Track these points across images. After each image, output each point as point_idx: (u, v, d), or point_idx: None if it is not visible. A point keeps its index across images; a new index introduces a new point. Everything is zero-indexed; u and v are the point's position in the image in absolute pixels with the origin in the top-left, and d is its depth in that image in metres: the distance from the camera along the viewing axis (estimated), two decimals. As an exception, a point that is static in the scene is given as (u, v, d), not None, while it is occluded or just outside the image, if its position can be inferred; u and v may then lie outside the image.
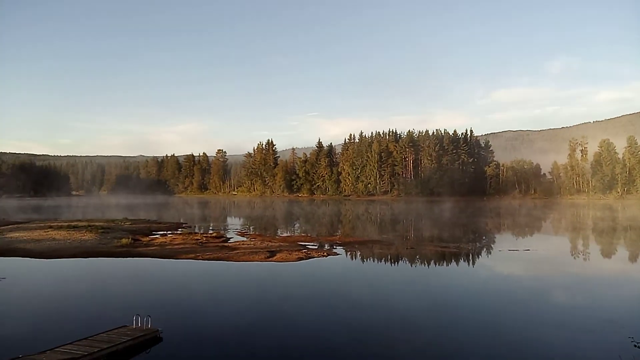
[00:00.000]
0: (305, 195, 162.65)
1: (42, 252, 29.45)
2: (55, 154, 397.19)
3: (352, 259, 29.32)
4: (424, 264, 27.96)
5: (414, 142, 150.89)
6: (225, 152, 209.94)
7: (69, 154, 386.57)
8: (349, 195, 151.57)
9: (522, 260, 28.70)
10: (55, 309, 17.53)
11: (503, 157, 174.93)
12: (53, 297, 19.44)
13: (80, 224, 44.19)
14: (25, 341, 13.09)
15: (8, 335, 14.01)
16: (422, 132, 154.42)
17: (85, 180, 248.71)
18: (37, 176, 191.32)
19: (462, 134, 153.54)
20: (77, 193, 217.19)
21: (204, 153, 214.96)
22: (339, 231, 48.41)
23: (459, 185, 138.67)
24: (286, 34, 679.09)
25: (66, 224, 44.06)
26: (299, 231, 48.54)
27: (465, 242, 37.43)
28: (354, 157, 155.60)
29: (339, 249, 31.83)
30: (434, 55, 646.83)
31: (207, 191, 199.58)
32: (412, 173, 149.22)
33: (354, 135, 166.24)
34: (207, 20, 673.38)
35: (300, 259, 27.25)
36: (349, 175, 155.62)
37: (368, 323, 15.21)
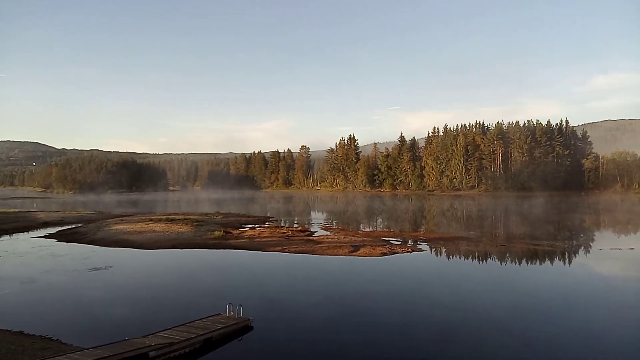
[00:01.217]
0: (387, 190, 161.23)
1: (144, 243, 31.98)
2: (154, 152, 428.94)
3: (438, 255, 28.77)
4: (515, 262, 26.76)
5: (503, 134, 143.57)
6: (308, 148, 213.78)
7: (166, 152, 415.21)
8: (433, 190, 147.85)
9: (626, 260, 26.52)
10: (156, 296, 19.04)
11: (603, 148, 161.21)
12: (154, 285, 21.12)
13: (177, 217, 47.34)
14: (130, 325, 14.35)
15: (115, 319, 15.46)
16: (511, 124, 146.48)
17: (181, 176, 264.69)
18: (138, 173, 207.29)
19: (557, 124, 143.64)
20: (173, 188, 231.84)
21: (288, 149, 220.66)
22: (423, 227, 47.60)
23: (553, 179, 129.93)
24: (366, 27, 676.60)
25: (164, 217, 47.45)
26: (381, 226, 48.42)
27: (560, 240, 35.25)
28: (438, 150, 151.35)
29: (424, 245, 31.34)
30: (522, 40, 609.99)
31: (292, 186, 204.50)
32: (501, 167, 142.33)
33: (437, 128, 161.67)
34: (289, 20, 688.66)
35: (384, 254, 27.21)
36: (432, 169, 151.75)
37: (453, 323, 14.86)
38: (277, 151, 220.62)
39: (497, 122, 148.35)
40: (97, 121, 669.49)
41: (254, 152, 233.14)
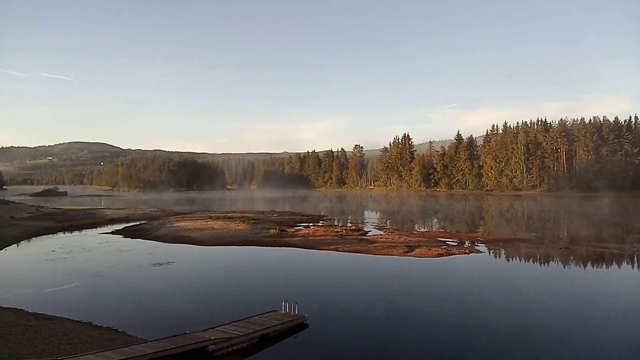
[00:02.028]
0: (443, 189, 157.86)
1: (203, 240, 33.04)
2: (213, 152, 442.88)
3: (497, 257, 27.84)
4: (579, 265, 25.45)
5: (567, 131, 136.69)
6: (362, 147, 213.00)
7: (224, 152, 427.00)
8: (492, 190, 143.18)
9: None
10: (215, 292, 19.63)
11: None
12: (213, 281, 21.79)
13: (234, 215, 48.61)
14: (191, 319, 14.85)
15: (177, 313, 16.08)
16: (576, 120, 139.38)
17: (238, 175, 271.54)
18: (197, 172, 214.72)
19: (625, 121, 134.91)
20: (231, 187, 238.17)
21: (342, 149, 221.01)
22: (481, 228, 46.21)
23: (621, 179, 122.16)
24: (421, 23, 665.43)
25: (223, 215, 48.86)
26: (437, 226, 47.46)
27: (629, 243, 33.15)
28: (497, 149, 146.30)
29: (482, 247, 30.42)
30: (586, 33, 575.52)
31: (345, 185, 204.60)
32: (564, 166, 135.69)
33: (496, 125, 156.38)
34: (342, 17, 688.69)
35: (440, 255, 26.66)
36: (491, 168, 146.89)
37: (510, 330, 14.26)
38: (331, 150, 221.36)
39: (561, 119, 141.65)
40: (159, 123, 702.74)
41: (307, 152, 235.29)
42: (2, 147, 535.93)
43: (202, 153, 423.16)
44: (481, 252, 28.48)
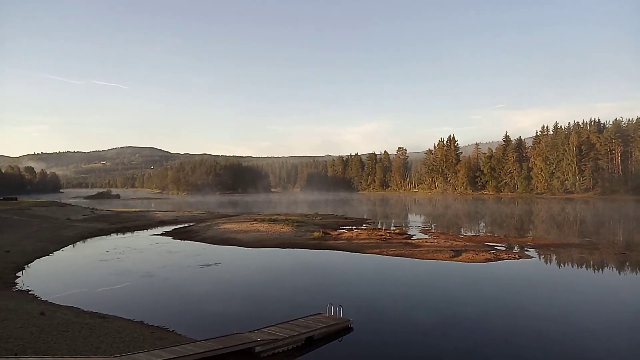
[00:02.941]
0: (490, 192, 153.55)
1: (249, 242, 33.58)
2: (257, 156, 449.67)
3: (547, 263, 26.83)
4: (636, 272, 24.15)
5: (622, 131, 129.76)
6: (405, 149, 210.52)
7: (268, 155, 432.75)
8: (542, 193, 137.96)
9: None
10: (260, 293, 19.89)
11: None
12: (258, 282, 22.08)
13: (278, 217, 49.15)
14: (237, 320, 15.13)
15: (223, 313, 16.41)
16: (631, 120, 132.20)
17: (282, 178, 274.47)
18: (243, 175, 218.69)
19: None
20: (275, 190, 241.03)
21: (385, 151, 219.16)
22: (531, 232, 44.67)
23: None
24: (465, 23, 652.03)
25: (267, 217, 49.51)
26: (484, 231, 46.26)
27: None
28: (548, 150, 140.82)
29: (532, 252, 29.41)
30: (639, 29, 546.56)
31: (389, 188, 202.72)
32: (619, 168, 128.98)
33: (546, 126, 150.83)
34: (385, 17, 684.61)
35: (488, 260, 25.96)
36: (541, 171, 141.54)
37: (561, 340, 13.72)
38: (374, 153, 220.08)
39: (615, 119, 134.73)
40: (206, 127, 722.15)
41: (350, 155, 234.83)
42: (59, 152, 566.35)
43: (247, 156, 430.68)
44: (531, 257, 27.53)
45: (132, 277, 22.73)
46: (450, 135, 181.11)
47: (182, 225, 48.06)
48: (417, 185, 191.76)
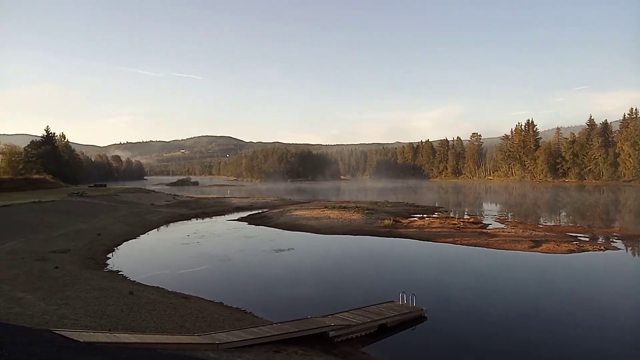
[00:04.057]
0: (572, 180, 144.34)
1: (320, 229, 34.04)
2: (327, 143, 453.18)
3: (636, 255, 24.96)
4: None
5: None
6: (480, 135, 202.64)
7: (337, 143, 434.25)
8: (630, 181, 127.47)
9: None
10: (332, 279, 20.16)
11: None
12: (330, 268, 22.39)
13: (348, 205, 49.33)
14: (310, 304, 15.44)
15: (297, 297, 16.82)
16: None
17: (351, 165, 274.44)
18: (313, 163, 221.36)
19: None
20: (344, 177, 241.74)
21: (458, 137, 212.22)
22: (618, 222, 41.63)
23: None
24: (541, 2, 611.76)
25: (337, 204, 49.87)
26: (566, 220, 43.71)
27: None
28: (637, 135, 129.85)
29: (619, 243, 27.46)
30: None
31: (462, 176, 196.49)
32: None
33: (635, 109, 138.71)
34: (455, 3, 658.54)
35: (571, 251, 24.56)
36: (629, 157, 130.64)
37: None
38: (446, 139, 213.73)
39: None
40: (278, 116, 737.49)
41: (421, 141, 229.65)
42: (143, 141, 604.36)
43: (317, 144, 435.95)
44: (618, 249, 25.72)
45: (212, 260, 23.85)
46: (528, 120, 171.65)
47: (257, 212, 49.58)
48: (493, 173, 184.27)
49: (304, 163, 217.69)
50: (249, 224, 39.40)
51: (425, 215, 44.42)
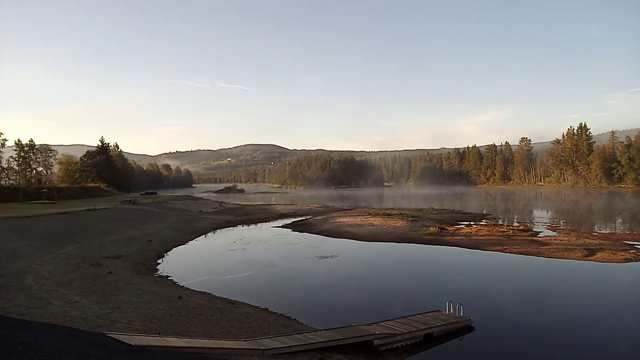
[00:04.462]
0: (629, 186, 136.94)
1: (364, 236, 33.87)
2: (370, 150, 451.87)
3: None
4: None
5: None
6: (529, 140, 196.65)
7: (381, 150, 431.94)
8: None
9: None
10: (377, 287, 19.97)
11: None
12: (374, 276, 22.19)
13: (392, 212, 48.89)
14: (354, 312, 15.36)
15: (341, 304, 16.76)
16: None
17: (395, 172, 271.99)
18: (356, 170, 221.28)
19: None
20: (388, 184, 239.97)
21: (506, 142, 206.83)
22: (683, 231, 39.17)
23: None
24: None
25: (381, 211, 49.53)
26: (622, 228, 41.55)
27: None
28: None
29: (685, 253, 25.82)
30: None
31: (511, 182, 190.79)
32: None
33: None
34: (499, 7, 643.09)
35: (628, 260, 23.35)
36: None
37: None
38: (494, 145, 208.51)
39: None
40: (321, 124, 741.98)
41: (467, 147, 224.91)
42: (191, 150, 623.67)
43: (360, 151, 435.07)
44: (683, 259, 24.18)
45: (257, 266, 24.18)
46: (581, 123, 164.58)
47: (300, 218, 49.95)
48: (543, 179, 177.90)
49: (347, 170, 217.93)
50: (293, 230, 39.73)
51: (472, 223, 43.40)
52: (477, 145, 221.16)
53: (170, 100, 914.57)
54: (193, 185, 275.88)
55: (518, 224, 42.47)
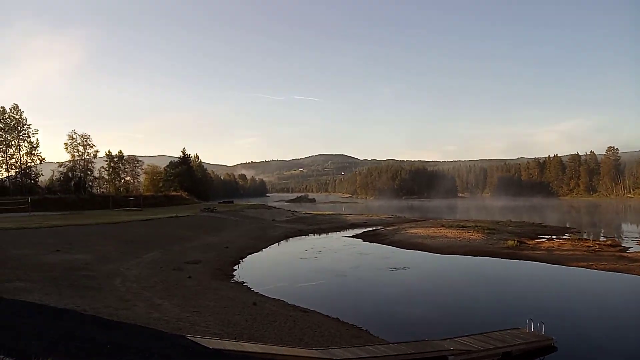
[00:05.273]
0: None
1: (437, 248, 33.06)
2: (443, 160, 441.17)
3: None
4: None
5: None
6: (617, 149, 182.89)
7: (454, 159, 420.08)
8: None
9: None
10: (451, 301, 19.40)
11: None
12: (448, 289, 21.61)
13: (467, 224, 47.32)
14: (427, 326, 15.05)
15: (414, 318, 16.46)
16: None
17: (469, 182, 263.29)
18: (428, 180, 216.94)
19: None
20: (462, 195, 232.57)
21: (591, 151, 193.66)
22: None
23: None
24: None
25: (455, 223, 48.09)
26: None
27: None
28: None
29: None
30: None
31: (596, 194, 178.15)
32: None
33: None
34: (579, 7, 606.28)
35: None
36: None
37: None
38: (577, 154, 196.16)
39: None
40: (392, 133, 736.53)
41: (548, 156, 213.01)
42: (265, 160, 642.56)
43: (432, 161, 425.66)
44: None
45: (328, 275, 24.36)
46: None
47: (371, 229, 49.69)
48: (633, 190, 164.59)
49: (418, 180, 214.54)
50: (363, 240, 39.62)
51: (554, 237, 41.01)
52: (558, 155, 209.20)
53: (247, 112, 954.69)
54: (267, 194, 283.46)
55: (605, 239, 39.58)
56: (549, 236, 41.50)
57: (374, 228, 50.27)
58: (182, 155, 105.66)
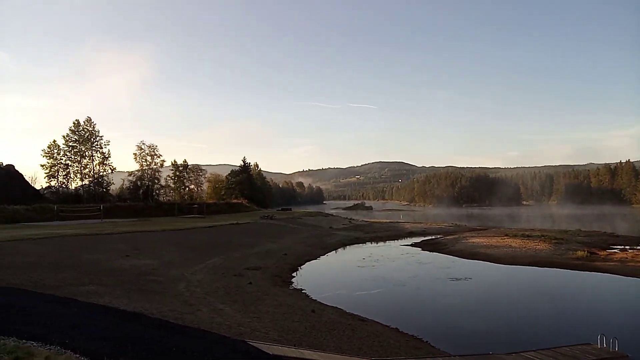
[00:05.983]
0: None
1: (500, 258, 31.91)
2: (506, 166, 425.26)
3: None
4: None
5: None
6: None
7: (517, 166, 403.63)
8: None
9: None
10: (516, 313, 18.68)
11: None
12: (514, 301, 20.81)
13: (532, 233, 45.34)
14: (491, 338, 14.56)
15: (476, 330, 15.94)
16: None
17: (534, 190, 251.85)
18: (490, 187, 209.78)
19: None
20: (526, 203, 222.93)
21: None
22: None
23: None
24: None
25: (520, 232, 46.20)
26: None
27: None
28: None
29: None
30: None
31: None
32: None
33: None
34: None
35: None
36: None
37: None
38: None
39: None
40: (450, 139, 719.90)
41: (620, 162, 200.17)
42: (322, 168, 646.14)
43: (494, 168, 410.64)
44: None
45: (386, 284, 24.14)
46: None
47: (430, 237, 48.72)
48: None
49: (479, 187, 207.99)
50: (422, 249, 38.90)
51: (628, 247, 38.46)
52: (631, 161, 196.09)
53: (304, 121, 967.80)
54: (324, 202, 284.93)
55: (688, 251, 36.64)
56: (622, 247, 38.99)
57: (433, 237, 49.25)
58: (242, 164, 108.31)
